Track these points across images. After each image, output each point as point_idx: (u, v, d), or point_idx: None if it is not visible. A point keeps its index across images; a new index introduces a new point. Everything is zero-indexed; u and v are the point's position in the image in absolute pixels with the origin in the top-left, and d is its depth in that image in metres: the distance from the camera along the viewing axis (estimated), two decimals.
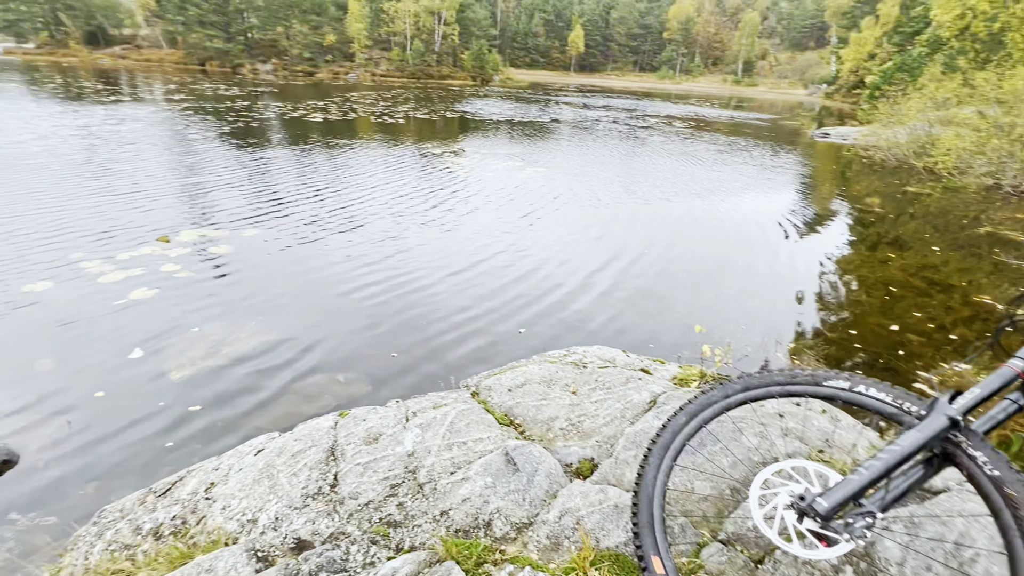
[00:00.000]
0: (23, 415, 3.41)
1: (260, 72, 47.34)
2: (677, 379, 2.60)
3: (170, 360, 4.15)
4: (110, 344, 4.30)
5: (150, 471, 3.09)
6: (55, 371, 3.95)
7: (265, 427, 3.52)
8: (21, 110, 16.62)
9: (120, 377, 3.90)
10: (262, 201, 8.28)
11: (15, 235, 6.19)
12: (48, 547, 2.37)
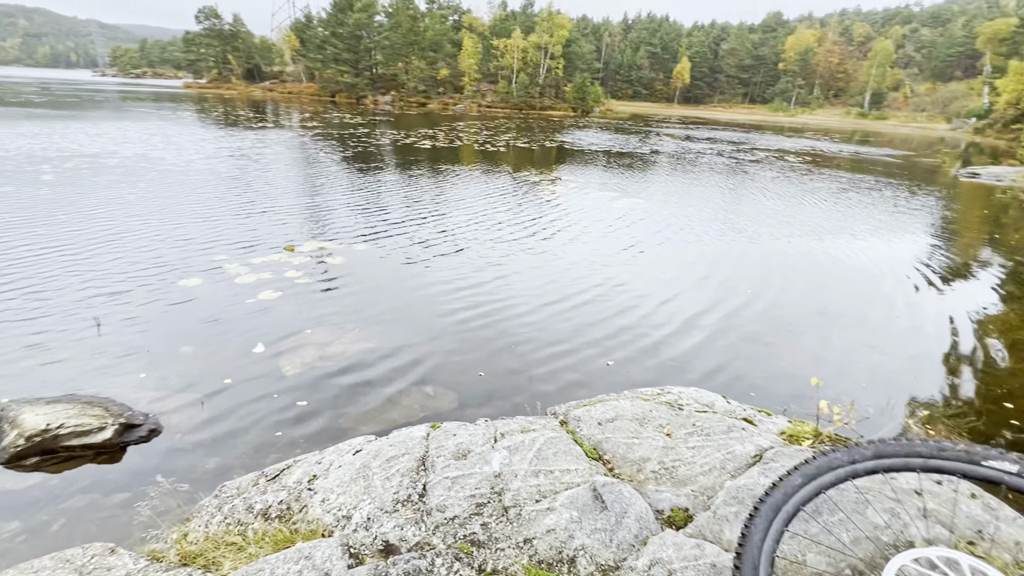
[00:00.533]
0: (168, 392, 3.95)
1: (380, 103, 52.14)
2: (786, 434, 2.36)
3: (285, 357, 4.60)
4: (239, 337, 4.86)
5: (260, 455, 3.41)
6: (195, 356, 4.54)
7: (360, 429, 3.75)
8: (192, 134, 19.82)
9: (244, 368, 4.38)
10: (373, 219, 9.02)
11: (180, 239, 7.31)
12: (178, 510, 2.70)
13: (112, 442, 3.20)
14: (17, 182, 9.97)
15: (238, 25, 66.33)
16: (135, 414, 3.44)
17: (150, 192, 9.95)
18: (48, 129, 18.55)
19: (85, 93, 46.04)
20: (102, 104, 34.03)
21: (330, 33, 54.89)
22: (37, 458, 3.07)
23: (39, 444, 3.05)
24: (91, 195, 9.45)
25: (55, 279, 5.70)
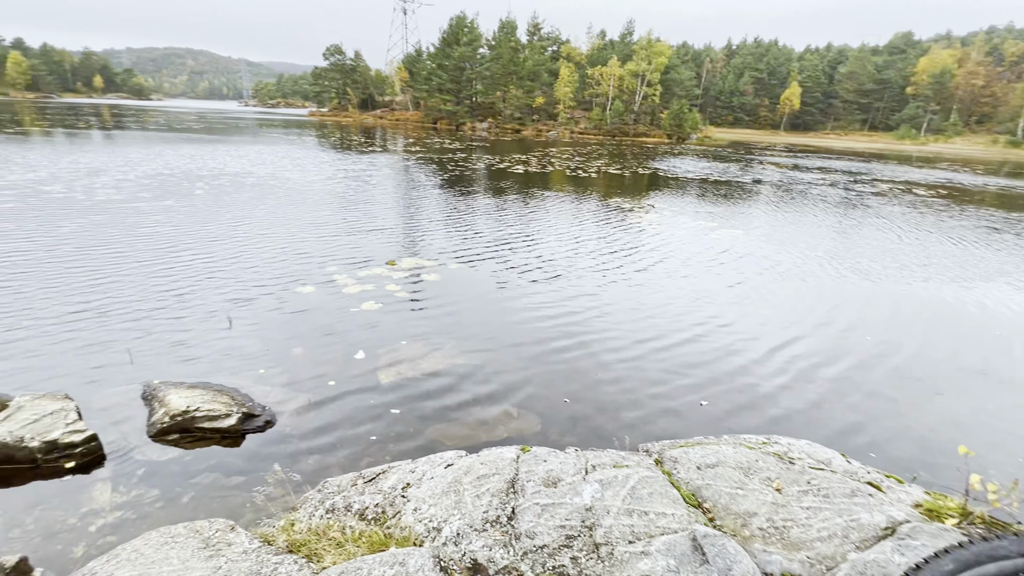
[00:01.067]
0: (282, 388, 4.36)
1: (477, 129, 54.71)
2: (924, 508, 2.05)
3: (382, 366, 4.88)
4: (343, 343, 5.25)
5: (356, 455, 3.62)
6: (305, 357, 4.97)
7: (445, 442, 3.85)
8: (314, 157, 22.14)
9: (346, 372, 4.71)
10: (467, 240, 9.39)
11: (299, 251, 8.13)
12: (285, 498, 2.94)
13: (235, 428, 3.58)
14: (177, 196, 11.74)
15: (358, 60, 73.64)
16: (255, 405, 3.82)
17: (277, 208, 11.21)
18: (201, 151, 21.73)
19: (231, 121, 53.48)
20: (243, 130, 39.26)
21: (436, 65, 58.97)
22: (176, 435, 3.51)
23: (179, 423, 3.49)
24: (231, 209, 10.85)
25: (199, 283, 6.58)
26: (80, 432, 3.25)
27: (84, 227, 8.66)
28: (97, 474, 3.22)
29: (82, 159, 17.30)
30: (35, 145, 21.24)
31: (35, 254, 7.15)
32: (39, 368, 4.36)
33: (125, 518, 2.93)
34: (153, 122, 43.59)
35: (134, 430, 3.60)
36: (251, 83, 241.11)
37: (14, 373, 4.24)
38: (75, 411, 3.43)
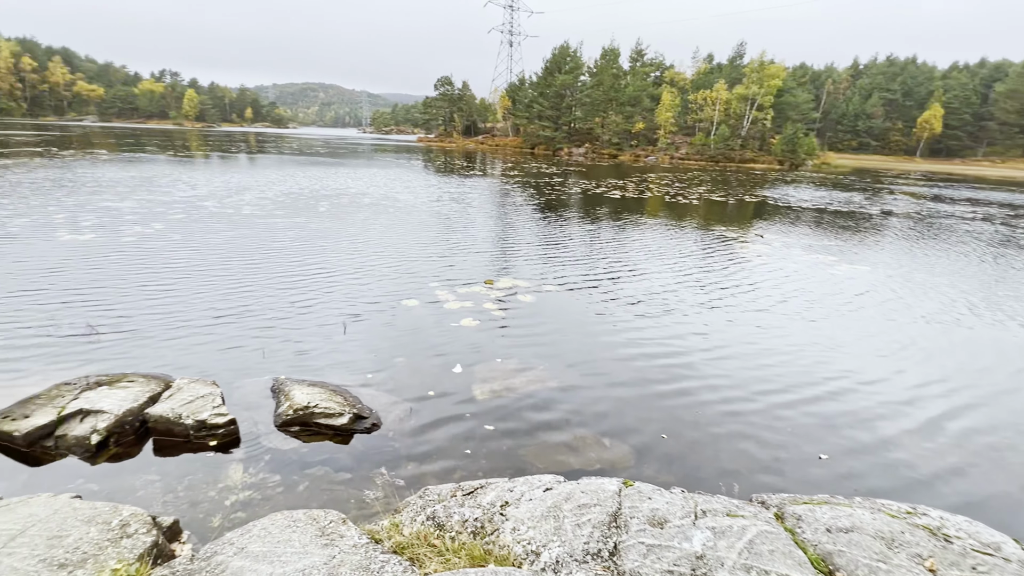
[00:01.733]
0: (386, 394, 4.64)
1: (574, 154, 55.24)
2: None
3: (477, 381, 5.01)
4: (441, 356, 5.49)
5: (450, 467, 3.72)
6: (407, 367, 5.26)
7: (536, 464, 3.83)
8: (421, 180, 23.75)
9: (444, 384, 4.91)
10: (563, 263, 9.44)
11: (406, 268, 8.71)
12: (389, 499, 3.10)
13: (346, 427, 3.86)
14: (306, 213, 13.18)
15: (465, 90, 78.33)
16: (363, 407, 4.11)
17: (388, 226, 12.14)
18: (325, 173, 24.27)
19: (350, 146, 59.29)
20: (360, 154, 43.31)
21: (538, 93, 60.84)
22: (297, 427, 3.87)
23: (300, 417, 3.85)
24: (350, 227, 11.94)
25: (320, 292, 7.28)
26: (223, 416, 3.70)
27: (230, 239, 10.02)
28: (233, 454, 3.64)
29: (232, 179, 20.15)
30: (198, 167, 25.15)
31: (192, 261, 8.39)
32: (193, 357, 5.06)
33: (252, 497, 3.27)
34: (288, 147, 49.68)
35: (263, 419, 4.03)
36: (370, 112, 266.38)
37: (175, 360, 4.97)
38: (220, 397, 3.92)
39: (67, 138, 43.40)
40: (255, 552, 2.28)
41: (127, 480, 3.35)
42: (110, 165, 22.98)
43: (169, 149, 36.69)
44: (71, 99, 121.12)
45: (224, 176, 21.10)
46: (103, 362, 4.81)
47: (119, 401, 3.73)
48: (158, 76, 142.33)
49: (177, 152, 34.26)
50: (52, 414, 3.59)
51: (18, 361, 4.75)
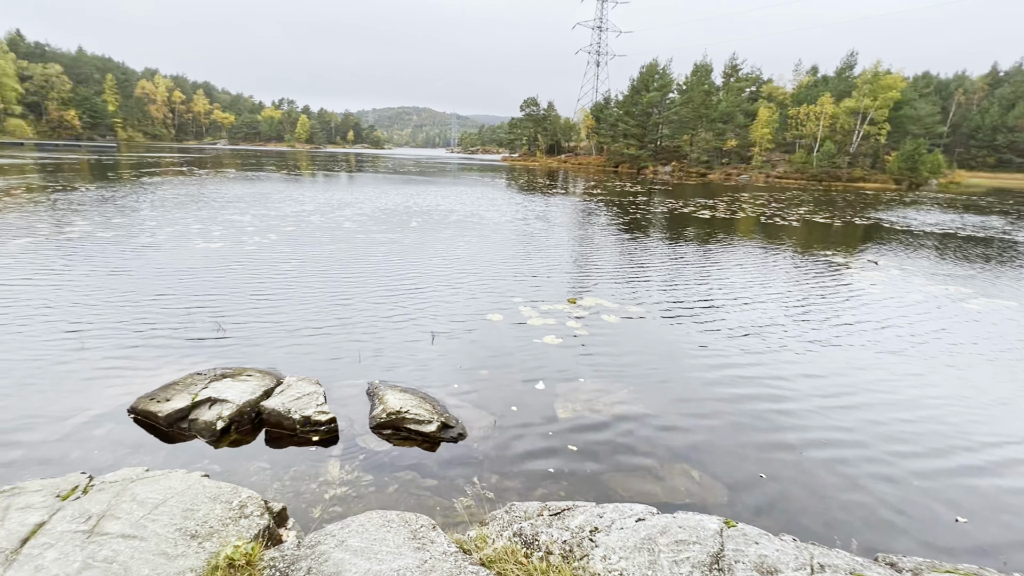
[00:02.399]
0: (471, 405, 4.74)
1: (659, 173, 53.82)
2: None
3: (560, 400, 4.97)
4: (524, 372, 5.51)
5: (532, 484, 3.70)
6: (490, 380, 5.34)
7: (620, 490, 3.69)
8: (505, 198, 24.36)
9: (527, 400, 4.92)
10: (648, 284, 9.16)
11: (491, 283, 8.92)
12: (473, 510, 3.15)
13: (434, 435, 3.99)
14: (398, 229, 14.02)
15: (550, 110, 79.67)
16: (450, 417, 4.22)
17: (475, 242, 12.55)
18: (416, 191, 25.70)
19: (439, 165, 62.43)
20: (448, 173, 45.42)
21: (624, 112, 60.27)
22: (389, 431, 4.07)
23: (392, 421, 4.04)
24: (438, 242, 12.51)
25: (411, 303, 7.66)
26: (325, 414, 3.99)
27: (332, 251, 10.88)
28: (332, 450, 3.90)
29: (334, 195, 21.99)
30: (305, 184, 27.76)
31: (300, 270, 9.22)
32: (299, 356, 5.52)
33: (348, 494, 3.47)
34: (383, 166, 53.35)
35: (359, 420, 4.28)
36: (458, 133, 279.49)
37: (284, 358, 5.46)
38: (322, 395, 4.23)
39: (203, 159, 50.05)
40: (354, 547, 2.40)
41: (243, 464, 3.70)
42: (235, 183, 26.09)
43: (283, 168, 40.94)
44: (208, 125, 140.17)
45: (327, 193, 23.10)
46: (226, 356, 5.40)
47: (240, 392, 4.16)
48: (277, 104, 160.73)
49: (289, 171, 38.11)
50: (187, 399, 4.08)
51: (162, 351, 5.48)
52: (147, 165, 37.45)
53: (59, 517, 2.63)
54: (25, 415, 4.15)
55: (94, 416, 4.18)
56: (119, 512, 2.67)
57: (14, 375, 4.78)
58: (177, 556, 2.41)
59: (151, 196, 18.86)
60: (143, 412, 4.04)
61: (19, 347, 5.37)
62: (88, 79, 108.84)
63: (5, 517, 2.63)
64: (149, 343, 5.65)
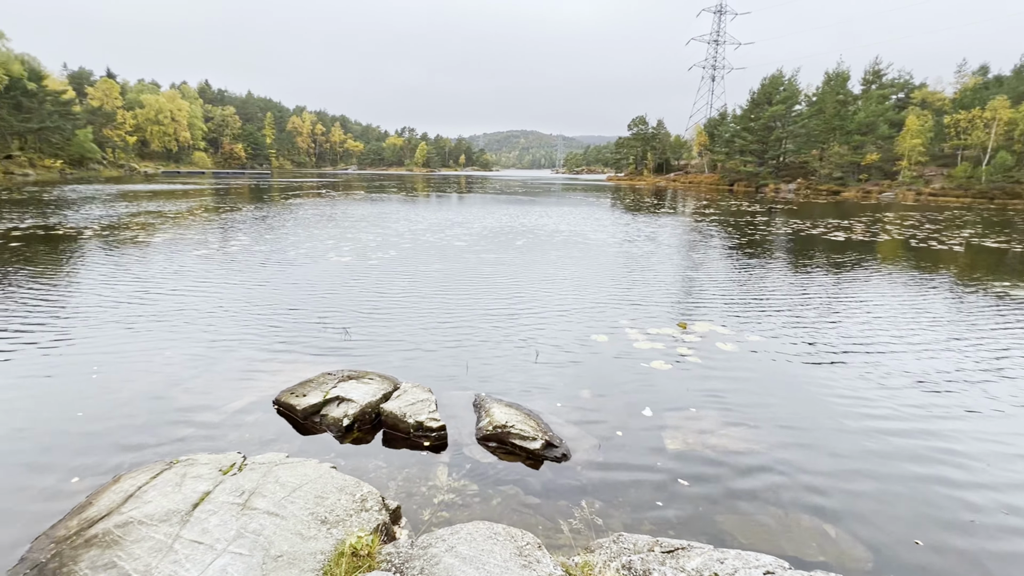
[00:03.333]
0: (574, 425, 4.66)
1: (781, 191, 49.45)
2: None
3: (669, 429, 4.69)
4: (629, 396, 5.31)
5: (638, 515, 3.51)
6: (592, 401, 5.22)
7: (739, 537, 3.36)
8: (610, 218, 24.04)
9: (632, 426, 4.72)
10: (768, 312, 8.38)
11: (596, 303, 8.82)
12: (576, 534, 3.07)
13: (538, 453, 3.99)
14: (505, 248, 14.48)
15: (660, 128, 77.56)
16: (554, 436, 4.19)
17: (580, 262, 12.52)
18: (521, 211, 26.39)
19: (544, 185, 63.58)
20: (552, 193, 46.03)
21: (741, 127, 56.64)
22: (494, 444, 4.15)
23: (498, 434, 4.12)
24: (543, 261, 12.69)
25: (517, 319, 7.82)
26: (436, 421, 4.19)
27: (443, 268, 11.54)
28: (441, 457, 4.07)
29: (446, 215, 23.39)
30: (419, 205, 29.90)
31: (415, 284, 9.88)
32: (412, 364, 5.89)
33: (455, 501, 3.59)
34: (491, 187, 55.72)
35: (466, 430, 4.43)
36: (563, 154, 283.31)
37: (399, 364, 5.86)
38: (434, 403, 4.46)
39: (336, 183, 56.42)
40: (463, 554, 2.47)
41: (363, 461, 4.01)
42: (361, 203, 28.97)
43: (401, 190, 44.64)
44: (342, 153, 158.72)
45: (440, 213, 24.65)
46: (351, 359, 5.94)
47: (363, 394, 4.54)
48: (400, 132, 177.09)
49: (407, 192, 41.43)
50: (319, 396, 4.54)
51: (299, 351, 6.19)
52: (292, 189, 43.16)
53: (220, 489, 3.05)
54: (197, 399, 4.92)
55: (247, 404, 4.83)
56: (265, 491, 3.03)
57: (191, 366, 5.71)
58: (310, 538, 2.66)
59: (294, 215, 21.66)
60: (284, 404, 4.57)
61: (193, 342, 6.41)
62: (253, 117, 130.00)
63: (182, 483, 3.12)
64: (290, 344, 6.42)
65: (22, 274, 9.73)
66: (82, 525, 2.83)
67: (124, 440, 4.18)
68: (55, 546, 2.70)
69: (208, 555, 2.53)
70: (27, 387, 5.10)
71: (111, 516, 2.86)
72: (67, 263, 10.94)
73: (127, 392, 5.02)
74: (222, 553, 2.54)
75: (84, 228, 16.21)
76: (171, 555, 2.54)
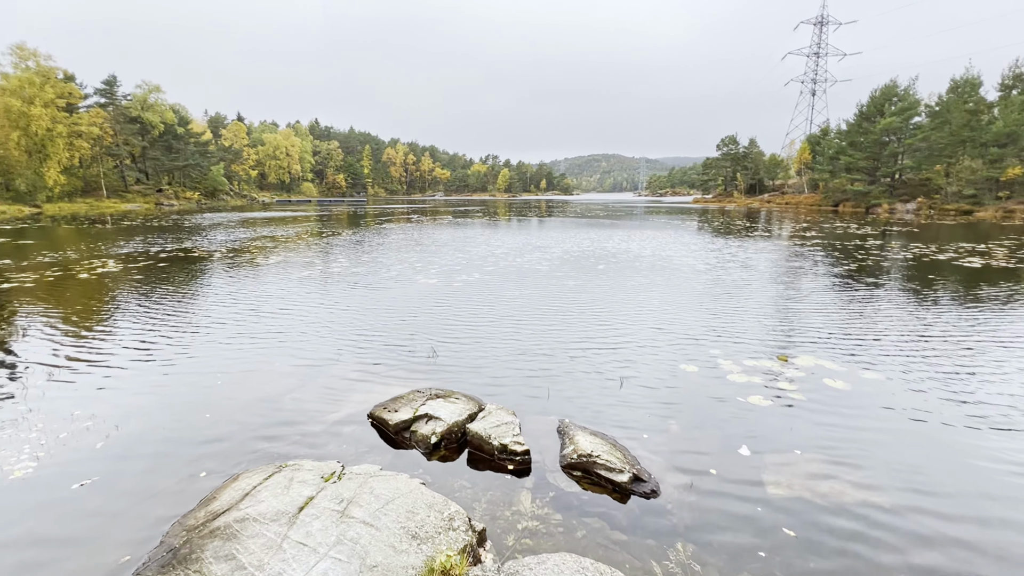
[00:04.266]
0: (662, 460, 4.42)
1: (897, 211, 44.51)
2: None
3: (769, 471, 4.29)
4: (723, 432, 4.95)
5: (736, 566, 3.22)
6: (681, 434, 4.93)
7: None
8: (698, 241, 23.02)
9: (727, 465, 4.38)
10: (887, 346, 7.48)
11: (685, 330, 8.42)
12: None
13: (625, 486, 3.83)
14: (586, 272, 14.37)
15: (752, 147, 73.52)
16: (642, 469, 4.01)
17: (667, 287, 12.08)
18: (601, 235, 26.10)
19: (625, 208, 62.49)
20: (635, 216, 45.07)
21: (848, 143, 52.10)
22: (579, 473, 4.05)
23: (583, 463, 4.02)
24: (626, 286, 12.41)
25: (602, 344, 7.68)
26: (520, 444, 4.19)
27: (525, 291, 11.66)
28: (524, 482, 4.05)
29: (527, 239, 23.74)
30: (501, 229, 30.64)
31: (497, 306, 10.08)
32: (495, 386, 5.97)
33: (537, 528, 3.53)
34: (571, 211, 55.85)
35: (550, 456, 4.38)
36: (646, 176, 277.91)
37: (483, 385, 5.96)
38: (518, 426, 4.46)
39: (424, 209, 59.71)
40: None
41: (449, 480, 4.09)
42: (447, 228, 30.34)
43: (484, 215, 46.15)
44: (430, 180, 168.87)
45: (521, 236, 25.09)
46: (438, 378, 6.15)
47: (450, 413, 4.66)
48: (483, 159, 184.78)
49: (489, 217, 42.75)
50: (410, 412, 4.74)
51: (390, 368, 6.53)
52: (385, 215, 46.39)
53: (322, 495, 3.26)
54: (301, 408, 5.35)
55: (344, 416, 5.16)
56: (361, 501, 3.19)
57: (296, 377, 6.23)
58: (402, 551, 2.75)
59: (387, 239, 23.19)
60: (378, 418, 4.82)
61: (298, 357, 7.00)
62: (353, 150, 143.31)
63: (290, 487, 3.38)
64: (383, 360, 6.80)
65: (165, 291, 11.32)
66: (208, 517, 3.16)
67: (242, 441, 4.64)
68: (186, 534, 3.04)
69: (312, 557, 2.70)
70: (168, 389, 5.86)
71: (231, 511, 3.17)
72: (200, 282, 12.56)
73: (244, 398, 5.58)
74: (324, 557, 2.70)
75: (214, 251, 18.56)
76: (280, 553, 2.75)
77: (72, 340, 7.67)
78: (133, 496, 3.77)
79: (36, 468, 4.16)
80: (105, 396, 5.63)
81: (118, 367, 6.53)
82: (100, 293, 11.10)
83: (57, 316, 9.08)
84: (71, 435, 4.71)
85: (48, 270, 14.15)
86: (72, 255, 17.50)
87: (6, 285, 11.90)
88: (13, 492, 3.85)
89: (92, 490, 3.86)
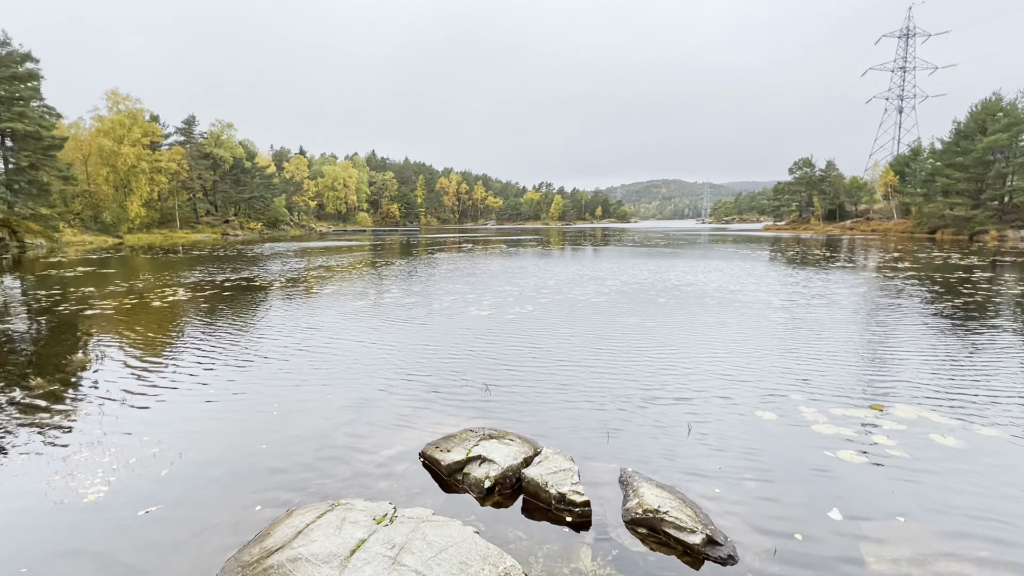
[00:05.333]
0: (738, 520, 3.96)
1: (1008, 239, 39.82)
2: None
3: (868, 542, 3.72)
4: (808, 491, 4.39)
5: None
6: (759, 490, 4.42)
7: None
8: (771, 273, 21.65)
9: (816, 530, 3.85)
10: (1004, 398, 6.47)
11: (760, 373, 7.78)
12: None
13: (697, 548, 3.45)
14: (645, 306, 13.83)
15: (830, 170, 69.20)
16: (716, 530, 3.61)
17: (738, 324, 11.34)
18: (661, 265, 25.23)
19: (688, 237, 60.46)
20: (698, 245, 43.38)
21: (944, 163, 47.75)
22: (644, 530, 3.71)
23: (648, 520, 3.68)
24: (691, 322, 11.79)
25: (663, 384, 7.23)
26: (580, 495, 3.92)
27: (580, 324, 11.37)
28: (583, 536, 3.76)
29: (582, 270, 23.40)
30: (554, 258, 30.50)
31: (551, 340, 9.86)
32: (549, 427, 5.71)
33: None
34: (629, 239, 54.78)
35: (612, 509, 4.06)
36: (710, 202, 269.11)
37: (536, 425, 5.72)
38: (576, 474, 4.20)
39: (476, 238, 60.96)
40: None
41: (502, 529, 3.89)
42: (499, 257, 30.64)
43: (537, 244, 46.31)
44: (482, 209, 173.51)
45: (575, 267, 24.79)
46: (490, 417, 5.99)
47: (504, 455, 4.49)
48: (537, 187, 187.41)
49: (543, 246, 42.81)
50: (462, 453, 4.61)
51: (443, 403, 6.46)
52: (437, 244, 47.82)
53: (374, 539, 3.18)
54: (352, 444, 5.33)
55: (396, 453, 5.11)
56: (414, 548, 3.07)
57: (348, 411, 6.28)
58: None
59: (439, 269, 23.75)
60: (429, 458, 4.73)
61: (350, 389, 7.07)
62: (407, 180, 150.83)
63: (342, 527, 3.33)
64: (434, 396, 6.74)
65: (227, 320, 12.06)
66: (262, 554, 3.16)
67: (296, 475, 4.70)
68: (241, 570, 3.05)
69: None
70: (227, 417, 6.09)
71: (284, 549, 3.16)
72: (259, 311, 13.33)
73: (298, 431, 5.67)
74: None
75: (273, 281, 19.79)
76: None
77: (143, 365, 8.27)
78: (192, 526, 3.88)
79: (107, 492, 4.40)
80: (170, 423, 5.89)
81: (182, 393, 6.90)
82: (170, 320, 12.02)
83: (132, 342, 9.88)
84: (139, 461, 4.98)
85: (126, 297, 15.56)
86: (147, 282, 19.30)
87: (89, 312, 13.15)
88: (87, 514, 4.09)
89: (155, 518, 4.02)
